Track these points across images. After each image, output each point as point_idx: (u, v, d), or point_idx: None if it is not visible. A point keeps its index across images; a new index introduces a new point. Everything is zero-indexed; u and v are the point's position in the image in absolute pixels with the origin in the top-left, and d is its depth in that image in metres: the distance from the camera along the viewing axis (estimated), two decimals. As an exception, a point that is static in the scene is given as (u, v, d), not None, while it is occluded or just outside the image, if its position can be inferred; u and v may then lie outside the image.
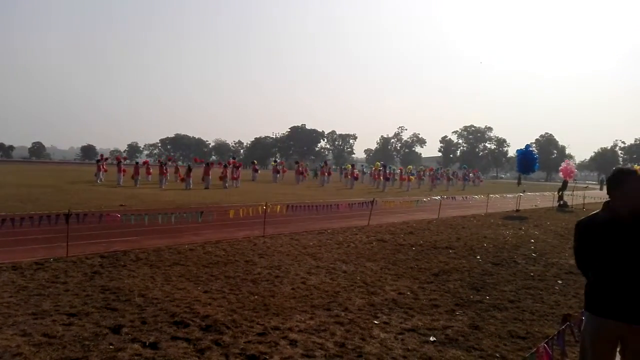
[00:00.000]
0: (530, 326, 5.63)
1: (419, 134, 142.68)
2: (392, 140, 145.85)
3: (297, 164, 45.89)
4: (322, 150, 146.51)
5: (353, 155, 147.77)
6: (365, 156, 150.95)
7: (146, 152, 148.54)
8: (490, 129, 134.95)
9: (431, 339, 5.01)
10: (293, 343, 4.73)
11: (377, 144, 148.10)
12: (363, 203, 15.01)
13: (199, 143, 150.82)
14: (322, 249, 10.02)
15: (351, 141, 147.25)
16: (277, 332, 5.00)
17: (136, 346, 4.47)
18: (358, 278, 7.59)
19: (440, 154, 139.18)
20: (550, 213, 22.33)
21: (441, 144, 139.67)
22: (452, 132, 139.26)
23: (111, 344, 4.48)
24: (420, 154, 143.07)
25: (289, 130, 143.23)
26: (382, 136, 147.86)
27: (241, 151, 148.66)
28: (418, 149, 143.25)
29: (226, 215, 11.46)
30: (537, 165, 30.05)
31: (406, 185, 40.91)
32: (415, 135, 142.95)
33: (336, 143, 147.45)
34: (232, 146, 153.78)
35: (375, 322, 5.48)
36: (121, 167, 30.79)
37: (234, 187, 31.55)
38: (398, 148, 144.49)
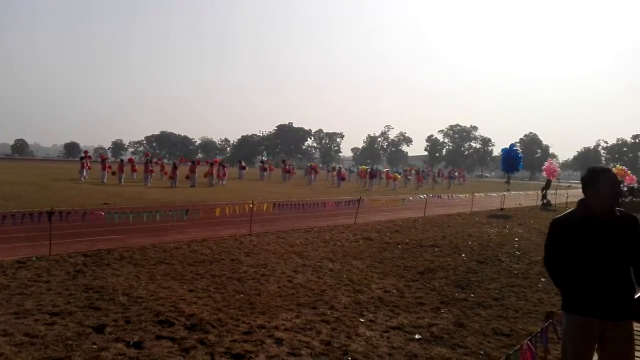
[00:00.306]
0: (514, 323, 5.70)
1: (406, 133, 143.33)
2: (379, 139, 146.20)
3: (284, 163, 45.80)
4: (309, 148, 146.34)
5: (340, 153, 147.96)
6: (352, 155, 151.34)
7: (131, 150, 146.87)
8: (475, 128, 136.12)
9: (416, 337, 5.04)
10: (279, 342, 4.73)
11: (364, 143, 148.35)
12: (350, 201, 15.03)
13: (185, 141, 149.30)
14: (309, 248, 10.02)
15: (338, 140, 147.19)
16: (263, 331, 4.99)
17: (120, 345, 4.42)
18: (344, 276, 7.61)
19: (426, 153, 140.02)
20: (534, 212, 22.62)
21: (427, 143, 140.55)
22: (438, 131, 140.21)
23: (94, 344, 4.42)
24: (406, 153, 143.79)
25: (276, 128, 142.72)
26: (369, 135, 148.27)
27: (228, 149, 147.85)
28: (404, 148, 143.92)
29: (212, 213, 11.39)
30: (521, 164, 30.45)
31: (392, 184, 41.26)
32: (401, 134, 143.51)
33: (323, 142, 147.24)
34: (219, 144, 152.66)
35: (361, 320, 5.50)
36: (105, 165, 30.43)
37: (221, 185, 31.37)
38: (385, 147, 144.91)
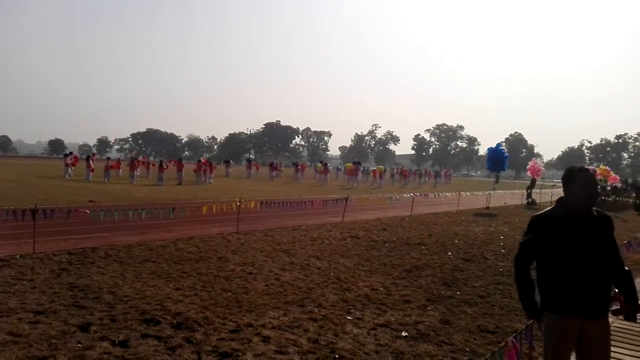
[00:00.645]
0: (499, 321, 5.76)
1: (393, 132, 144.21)
2: (367, 137, 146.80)
3: (272, 165, 45.46)
4: (297, 146, 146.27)
5: (328, 152, 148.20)
6: (339, 153, 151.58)
7: (116, 147, 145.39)
8: (462, 128, 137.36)
9: (403, 334, 5.07)
10: (266, 340, 4.72)
11: (352, 141, 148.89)
12: (337, 200, 15.06)
13: (171, 138, 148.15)
14: (296, 246, 10.02)
15: (326, 138, 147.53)
16: (250, 329, 4.98)
17: (105, 344, 4.38)
18: (332, 274, 7.62)
19: (413, 152, 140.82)
20: (519, 210, 22.86)
21: (414, 142, 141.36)
22: (425, 131, 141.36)
23: (79, 342, 4.37)
24: (394, 152, 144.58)
25: (264, 126, 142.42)
26: (357, 133, 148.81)
27: (215, 147, 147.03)
28: (392, 147, 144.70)
29: (199, 211, 11.32)
30: (507, 163, 30.76)
31: (379, 181, 41.53)
32: (389, 132, 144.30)
33: (311, 140, 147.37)
34: (206, 142, 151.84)
35: (348, 318, 5.52)
36: (90, 163, 30.09)
37: (207, 183, 31.21)
38: (372, 145, 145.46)
